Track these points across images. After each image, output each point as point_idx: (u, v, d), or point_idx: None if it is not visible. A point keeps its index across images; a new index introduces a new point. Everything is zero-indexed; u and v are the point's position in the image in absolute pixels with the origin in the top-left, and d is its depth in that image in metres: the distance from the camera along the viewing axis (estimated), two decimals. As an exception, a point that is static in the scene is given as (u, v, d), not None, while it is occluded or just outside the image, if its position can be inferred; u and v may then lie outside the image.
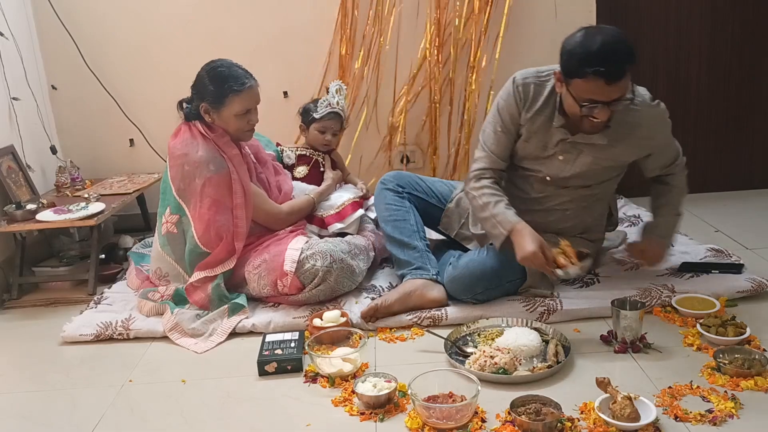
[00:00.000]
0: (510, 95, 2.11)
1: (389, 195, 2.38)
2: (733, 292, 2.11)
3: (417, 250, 2.25)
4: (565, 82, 1.94)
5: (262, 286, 2.23)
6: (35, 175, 2.95)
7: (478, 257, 2.17)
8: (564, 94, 1.98)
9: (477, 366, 1.76)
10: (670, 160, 2.19)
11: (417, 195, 2.41)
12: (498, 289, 2.14)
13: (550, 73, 2.06)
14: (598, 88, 1.86)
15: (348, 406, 1.68)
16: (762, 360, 1.70)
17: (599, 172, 2.14)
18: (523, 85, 2.09)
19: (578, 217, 2.22)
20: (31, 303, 2.53)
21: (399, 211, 2.34)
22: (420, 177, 2.49)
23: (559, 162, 2.12)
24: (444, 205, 2.45)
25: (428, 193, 2.44)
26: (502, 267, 2.12)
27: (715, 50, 3.30)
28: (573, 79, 1.89)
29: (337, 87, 2.60)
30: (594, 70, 1.83)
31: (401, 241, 2.28)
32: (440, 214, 2.44)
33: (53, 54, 3.19)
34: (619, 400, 1.50)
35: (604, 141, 2.05)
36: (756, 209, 3.10)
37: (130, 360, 2.03)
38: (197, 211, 2.24)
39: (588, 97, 1.89)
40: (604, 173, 2.16)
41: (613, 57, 1.84)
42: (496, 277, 2.12)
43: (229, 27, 3.17)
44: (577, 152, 2.09)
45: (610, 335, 1.92)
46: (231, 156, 2.26)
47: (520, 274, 2.14)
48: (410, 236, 2.28)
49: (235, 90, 2.21)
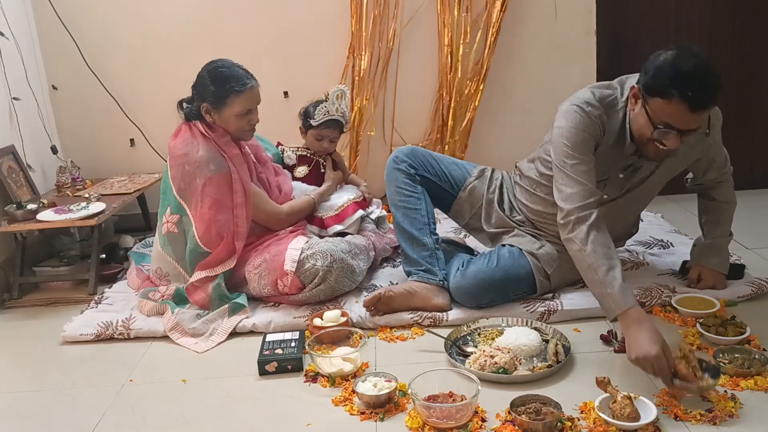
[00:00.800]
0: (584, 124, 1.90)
1: (401, 177, 2.24)
2: (734, 297, 2.11)
3: (427, 248, 2.18)
4: (643, 99, 1.79)
5: (262, 285, 2.23)
6: (36, 175, 2.96)
7: (486, 267, 2.11)
8: (637, 113, 1.84)
9: (477, 365, 1.76)
10: (720, 165, 2.10)
11: (429, 178, 2.28)
12: (503, 299, 2.12)
13: (614, 96, 1.94)
14: (680, 113, 1.72)
15: (348, 406, 1.68)
16: (762, 360, 1.70)
17: (653, 188, 2.12)
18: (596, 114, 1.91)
19: (623, 227, 2.19)
20: (31, 303, 2.53)
21: (411, 197, 2.22)
22: (434, 156, 2.33)
23: (619, 180, 2.03)
24: (456, 192, 2.32)
25: (441, 177, 2.30)
26: (511, 279, 2.09)
27: (715, 50, 3.29)
28: (654, 98, 1.75)
29: (339, 92, 2.55)
30: (681, 93, 1.68)
31: (411, 234, 2.19)
32: (451, 200, 2.33)
33: (53, 54, 3.20)
34: (619, 400, 1.51)
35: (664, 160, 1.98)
36: (756, 209, 3.10)
37: (130, 360, 2.03)
38: (198, 211, 2.24)
39: (665, 120, 1.75)
40: (655, 189, 2.13)
41: (704, 83, 1.69)
42: (503, 289, 2.10)
43: (229, 27, 3.18)
44: (639, 173, 2.04)
45: (610, 335, 1.92)
46: (231, 155, 2.26)
47: (529, 288, 2.12)
48: (421, 230, 2.19)
49: (237, 90, 2.21)
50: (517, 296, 2.13)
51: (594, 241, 1.77)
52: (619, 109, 1.93)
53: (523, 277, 2.09)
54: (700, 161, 2.10)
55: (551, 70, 3.23)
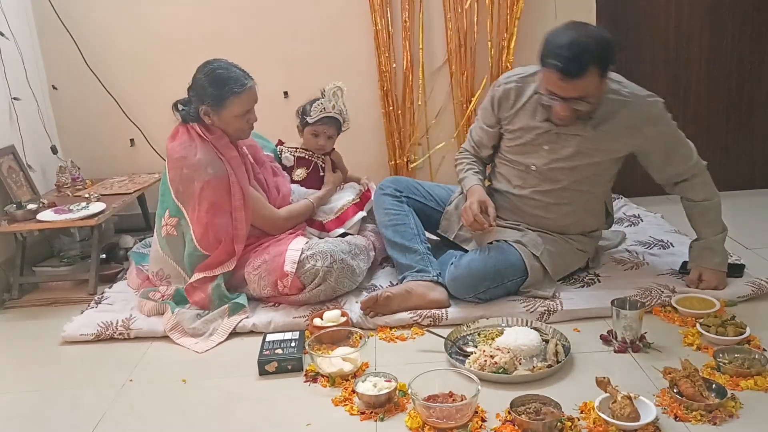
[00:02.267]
0: (490, 98, 2.25)
1: (388, 200, 2.39)
2: (734, 297, 2.11)
3: (418, 253, 2.26)
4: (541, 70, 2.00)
5: (262, 286, 2.23)
6: (36, 175, 2.95)
7: (479, 256, 2.17)
8: (538, 83, 2.06)
9: (477, 365, 1.76)
10: (680, 164, 2.13)
11: (415, 199, 2.43)
12: (500, 288, 2.14)
13: (536, 70, 2.09)
14: (553, 81, 1.93)
15: (348, 406, 1.68)
16: (762, 360, 1.70)
17: (589, 167, 2.15)
18: (504, 88, 2.21)
19: (576, 215, 2.23)
20: (31, 303, 2.53)
21: (398, 215, 2.35)
22: (418, 182, 2.52)
23: (545, 152, 2.16)
24: (442, 208, 2.47)
25: (426, 196, 2.46)
26: (503, 265, 2.13)
27: (715, 50, 3.30)
28: (543, 67, 1.97)
29: (335, 90, 2.54)
30: (551, 63, 1.90)
31: (402, 245, 2.29)
32: (439, 217, 2.46)
33: (53, 54, 3.19)
34: (619, 400, 1.50)
35: (586, 132, 2.08)
36: (756, 209, 3.10)
37: (130, 360, 2.03)
38: (195, 215, 2.23)
39: (547, 87, 1.98)
40: (593, 168, 2.16)
41: (573, 55, 1.87)
42: (498, 276, 2.13)
43: (229, 27, 3.17)
44: (562, 143, 2.13)
45: (610, 335, 1.92)
46: (229, 158, 2.25)
47: (521, 273, 2.15)
48: (411, 239, 2.29)
49: (236, 92, 2.20)
50: (512, 282, 2.15)
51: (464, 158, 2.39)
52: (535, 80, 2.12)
53: (514, 261, 2.14)
54: (649, 156, 2.13)
55: (551, 70, 3.22)
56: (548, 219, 2.23)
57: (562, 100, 1.97)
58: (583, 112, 2.02)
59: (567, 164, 2.15)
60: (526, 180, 2.24)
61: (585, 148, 2.12)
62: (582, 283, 2.26)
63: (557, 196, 2.21)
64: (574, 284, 2.25)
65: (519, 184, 2.26)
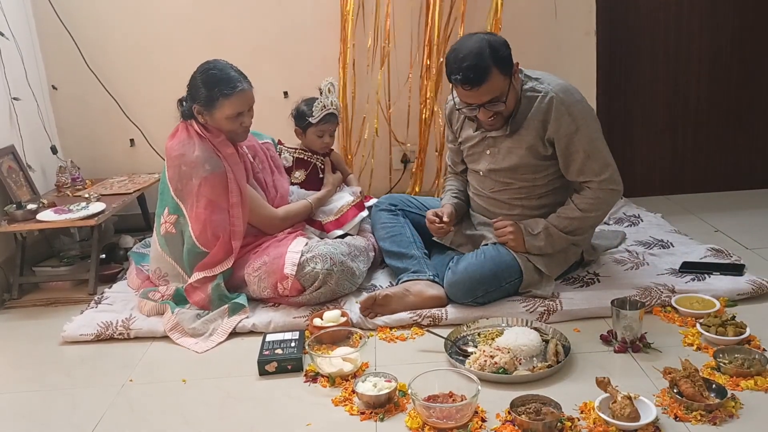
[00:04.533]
0: (445, 116, 2.40)
1: (384, 215, 2.47)
2: (734, 294, 2.11)
3: (414, 258, 2.30)
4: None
5: (262, 288, 2.23)
6: (36, 175, 2.96)
7: (475, 260, 2.17)
8: None
9: (477, 366, 1.76)
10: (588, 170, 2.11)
11: (410, 211, 2.50)
12: (498, 291, 2.14)
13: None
14: (464, 93, 2.05)
15: (348, 406, 1.68)
16: (762, 360, 1.70)
17: (529, 164, 2.18)
18: (449, 105, 2.32)
19: (546, 209, 2.23)
20: (31, 303, 2.53)
21: (394, 227, 2.42)
22: (411, 196, 2.60)
23: (488, 156, 2.25)
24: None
25: (421, 207, 2.49)
26: (500, 268, 2.14)
27: (715, 50, 3.30)
28: (451, 84, 2.08)
29: (329, 86, 2.54)
30: (455, 78, 2.02)
31: (399, 252, 2.34)
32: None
33: (53, 54, 3.20)
34: (619, 400, 1.51)
35: (506, 131, 2.16)
36: (756, 209, 3.10)
37: (130, 360, 2.03)
38: (194, 211, 2.24)
39: (462, 100, 2.09)
40: (531, 166, 2.18)
41: (469, 64, 1.98)
42: (494, 279, 2.13)
43: (229, 27, 3.18)
44: (498, 146, 2.21)
45: (610, 335, 1.92)
46: (227, 155, 2.25)
47: (518, 274, 2.15)
48: (407, 246, 2.35)
49: (226, 94, 2.20)
50: (509, 284, 2.15)
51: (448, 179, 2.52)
52: None
53: (510, 262, 2.15)
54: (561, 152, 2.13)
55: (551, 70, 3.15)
56: (516, 216, 2.24)
57: (479, 107, 2.06)
58: (504, 111, 2.10)
59: (506, 164, 2.20)
60: (484, 184, 2.31)
61: (514, 148, 2.17)
62: (582, 283, 2.26)
63: (514, 195, 2.25)
64: (574, 284, 2.25)
65: (480, 188, 2.33)
